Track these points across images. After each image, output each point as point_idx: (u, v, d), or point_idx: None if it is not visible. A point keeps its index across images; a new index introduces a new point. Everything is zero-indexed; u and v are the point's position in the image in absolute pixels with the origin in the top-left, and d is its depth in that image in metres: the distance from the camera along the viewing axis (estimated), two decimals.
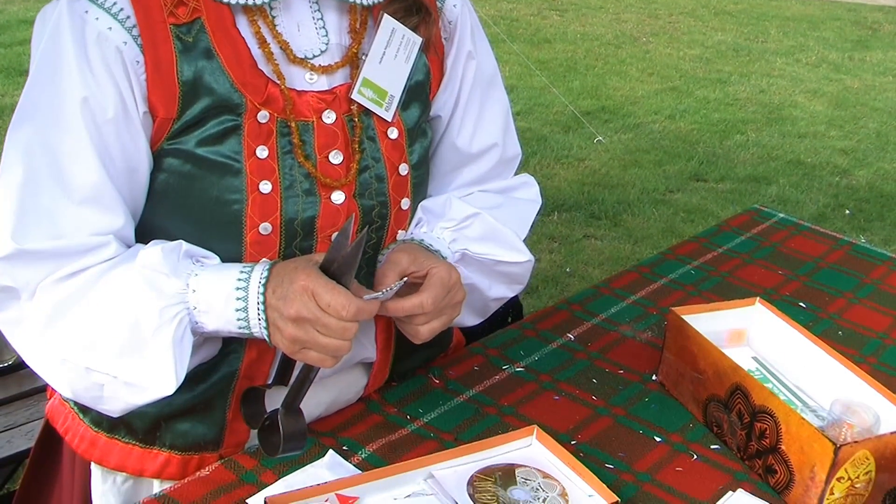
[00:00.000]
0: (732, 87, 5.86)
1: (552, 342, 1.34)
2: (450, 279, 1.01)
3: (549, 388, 1.23)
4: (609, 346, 1.34)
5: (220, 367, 1.05)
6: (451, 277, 1.01)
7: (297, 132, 0.99)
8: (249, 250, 0.99)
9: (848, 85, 6.04)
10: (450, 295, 1.01)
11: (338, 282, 0.91)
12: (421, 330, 1.01)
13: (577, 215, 3.88)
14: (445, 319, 1.02)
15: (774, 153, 4.82)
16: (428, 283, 1.00)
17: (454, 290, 1.02)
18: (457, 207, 1.14)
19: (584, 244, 3.65)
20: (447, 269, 1.02)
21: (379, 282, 1.01)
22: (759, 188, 4.36)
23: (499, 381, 1.24)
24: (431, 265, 1.02)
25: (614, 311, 1.43)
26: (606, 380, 1.26)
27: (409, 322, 1.01)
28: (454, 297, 1.02)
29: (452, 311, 1.03)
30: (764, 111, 5.46)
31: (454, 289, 1.02)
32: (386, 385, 1.21)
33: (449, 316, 1.03)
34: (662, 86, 5.79)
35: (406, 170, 1.08)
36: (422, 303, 0.98)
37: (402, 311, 0.99)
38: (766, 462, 1.07)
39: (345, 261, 0.91)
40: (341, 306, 0.89)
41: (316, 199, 1.01)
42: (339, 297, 0.90)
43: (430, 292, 0.99)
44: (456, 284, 1.02)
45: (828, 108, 5.56)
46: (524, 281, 1.19)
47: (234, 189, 0.97)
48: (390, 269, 1.01)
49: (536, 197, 1.24)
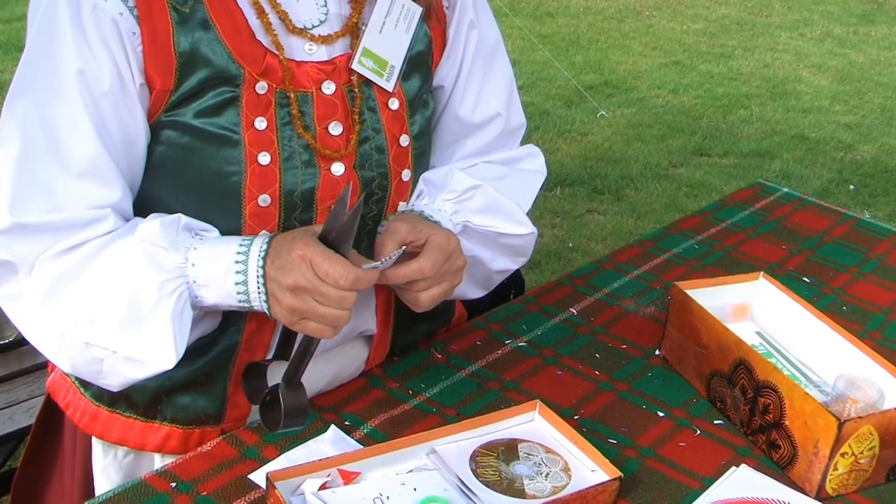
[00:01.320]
0: (736, 61, 5.81)
1: (555, 317, 1.34)
2: (449, 244, 1.01)
3: (552, 362, 1.23)
4: (612, 320, 1.34)
5: (220, 341, 1.05)
6: (451, 243, 1.01)
7: (296, 103, 0.99)
8: (248, 223, 0.99)
9: (853, 59, 5.98)
10: (449, 261, 1.01)
11: (336, 251, 0.91)
12: (421, 297, 1.01)
13: (580, 190, 3.87)
14: (446, 286, 1.02)
15: (778, 128, 4.79)
16: (427, 248, 1.00)
17: (454, 256, 1.01)
18: (458, 179, 1.13)
19: (586, 219, 3.63)
20: (446, 235, 1.02)
21: (378, 251, 1.00)
22: (762, 163, 4.34)
23: (501, 356, 1.24)
24: (430, 232, 1.01)
25: (617, 286, 1.43)
26: (609, 355, 1.25)
27: (409, 289, 1.01)
28: (454, 263, 1.02)
29: (453, 278, 1.03)
30: (768, 86, 5.42)
31: (454, 255, 1.01)
32: (387, 360, 1.21)
33: (450, 283, 1.02)
34: (666, 60, 5.74)
35: (407, 141, 1.07)
36: (421, 268, 0.98)
37: (402, 277, 0.99)
38: (770, 437, 1.07)
39: (342, 229, 0.91)
40: (339, 275, 0.89)
41: (315, 170, 1.00)
42: (337, 265, 0.89)
43: (428, 257, 0.99)
44: (455, 250, 1.01)
45: (832, 82, 5.51)
46: (528, 253, 1.19)
47: (233, 161, 0.96)
48: (389, 238, 1.01)
49: (541, 168, 1.23)
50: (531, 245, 1.17)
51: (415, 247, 1.01)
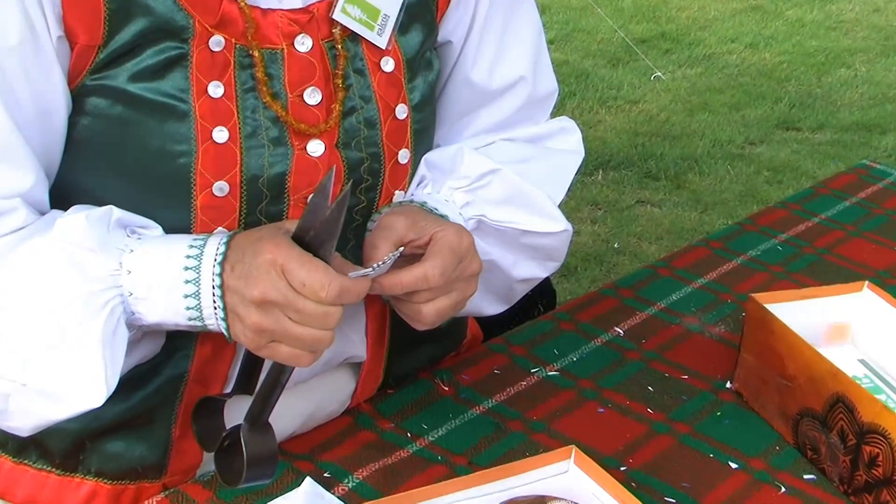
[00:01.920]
0: (836, 4, 5.81)
1: (595, 338, 1.34)
2: (460, 244, 1.01)
3: (592, 397, 1.23)
4: (669, 343, 1.34)
5: (164, 370, 1.05)
6: (463, 242, 1.01)
7: (261, 63, 0.99)
8: (201, 217, 0.99)
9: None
10: (461, 265, 1.01)
11: (315, 254, 0.91)
12: (424, 310, 1.01)
13: (629, 174, 3.86)
14: (456, 297, 1.02)
15: (891, 93, 4.78)
16: (433, 248, 1.00)
17: (467, 259, 1.02)
18: (471, 161, 1.14)
19: (636, 212, 3.63)
20: (456, 231, 1.02)
21: (368, 255, 1.01)
22: (869, 139, 4.33)
23: (526, 389, 1.24)
24: (436, 228, 1.02)
25: (676, 299, 1.43)
26: (666, 387, 1.26)
27: (410, 300, 1.01)
28: (467, 268, 1.02)
29: (465, 287, 1.03)
30: (878, 37, 5.41)
31: (466, 256, 1.01)
32: (380, 393, 1.22)
33: (461, 293, 1.03)
34: (742, 4, 5.74)
35: (405, 112, 1.08)
36: (425, 273, 0.98)
37: (400, 286, 0.99)
38: (879, 498, 1.07)
39: (323, 227, 0.91)
40: (320, 285, 0.89)
41: (287, 150, 1.01)
42: (317, 273, 0.89)
43: (435, 260, 0.99)
44: (469, 251, 1.02)
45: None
46: (560, 257, 1.19)
47: (180, 138, 0.97)
48: (382, 238, 1.01)
49: (577, 147, 1.24)
50: (565, 246, 1.18)
51: (416, 248, 1.02)
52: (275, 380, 0.97)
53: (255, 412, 0.98)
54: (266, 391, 0.97)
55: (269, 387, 0.97)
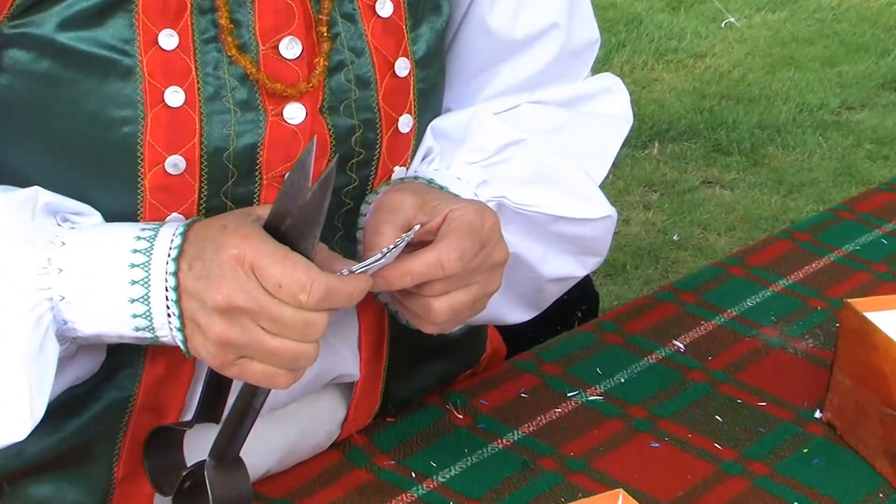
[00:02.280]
0: None
1: (648, 354, 1.34)
2: (483, 224, 1.01)
3: (644, 428, 1.23)
4: (742, 361, 1.34)
5: (104, 394, 1.05)
6: (486, 222, 1.02)
7: (225, 7, 0.99)
8: (150, 201, 1.00)
9: None
10: (484, 251, 1.01)
11: (294, 248, 0.91)
12: (436, 306, 1.01)
13: (692, 147, 3.85)
14: (476, 293, 1.02)
15: None
16: (449, 228, 1.01)
17: (490, 244, 1.02)
18: (490, 129, 1.14)
19: (701, 195, 3.62)
20: (478, 210, 1.02)
21: (370, 242, 1.02)
22: None
23: (561, 417, 1.24)
24: (452, 205, 1.02)
25: (752, 305, 1.43)
26: (738, 417, 1.25)
27: (419, 294, 1.01)
28: (490, 255, 1.02)
29: (487, 281, 1.03)
30: None
31: (490, 241, 1.02)
32: (377, 421, 1.22)
33: (482, 288, 1.03)
34: None
35: (407, 68, 1.08)
36: (440, 258, 0.98)
37: (410, 277, 0.99)
38: None
39: (303, 214, 0.91)
40: (299, 286, 0.89)
41: (258, 116, 1.01)
42: (296, 271, 0.90)
43: (452, 242, 0.99)
44: (493, 234, 1.02)
45: None
46: (602, 251, 1.19)
47: (124, 101, 0.97)
48: (386, 220, 1.02)
49: (625, 111, 1.24)
50: (608, 237, 1.18)
51: (425, 233, 1.02)
52: (246, 405, 0.97)
53: (222, 446, 0.98)
54: (235, 420, 0.98)
55: (239, 414, 0.97)
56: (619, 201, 3.39)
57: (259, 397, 0.96)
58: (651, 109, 4.00)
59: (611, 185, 1.04)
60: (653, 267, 3.26)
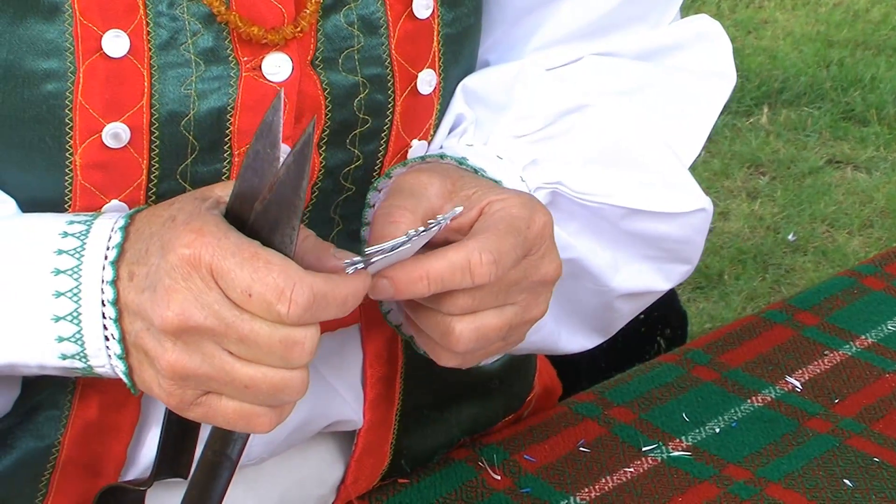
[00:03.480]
0: None
1: (752, 395, 1.34)
2: (531, 223, 1.01)
3: (747, 495, 1.23)
4: (882, 406, 1.34)
5: (18, 442, 1.06)
6: (535, 221, 1.01)
7: None
8: (82, 183, 1.00)
9: None
10: (529, 260, 1.01)
11: (265, 242, 0.90)
12: (458, 328, 1.00)
13: (815, 115, 3.83)
14: (513, 317, 1.02)
15: None
16: (484, 224, 1.00)
17: (538, 253, 1.01)
18: (542, 91, 1.15)
19: (827, 178, 3.61)
20: (524, 204, 1.01)
21: (380, 232, 1.00)
22: None
23: (634, 479, 1.24)
24: (491, 196, 1.02)
25: (894, 330, 1.44)
26: (876, 481, 1.25)
27: (437, 309, 1.00)
28: (537, 268, 1.02)
29: (530, 303, 1.03)
30: None
31: (538, 248, 1.01)
32: (386, 483, 1.23)
33: (522, 310, 1.02)
34: None
35: (429, 6, 1.09)
36: (469, 260, 0.97)
37: (427, 282, 0.97)
38: None
39: (276, 195, 0.89)
40: (275, 293, 0.88)
41: (228, 70, 1.02)
42: (271, 273, 0.88)
43: (487, 240, 0.98)
44: (542, 238, 1.01)
45: None
46: (692, 256, 1.20)
47: (47, 48, 0.97)
48: (401, 206, 1.01)
49: (725, 67, 1.24)
50: (700, 237, 1.18)
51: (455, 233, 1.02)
52: (218, 456, 0.97)
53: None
54: (205, 475, 0.98)
55: (210, 468, 0.98)
56: (715, 187, 3.37)
57: (234, 444, 0.97)
58: (759, 62, 3.99)
59: (703, 164, 1.01)
60: (760, 277, 3.25)
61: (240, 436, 0.96)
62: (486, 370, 1.18)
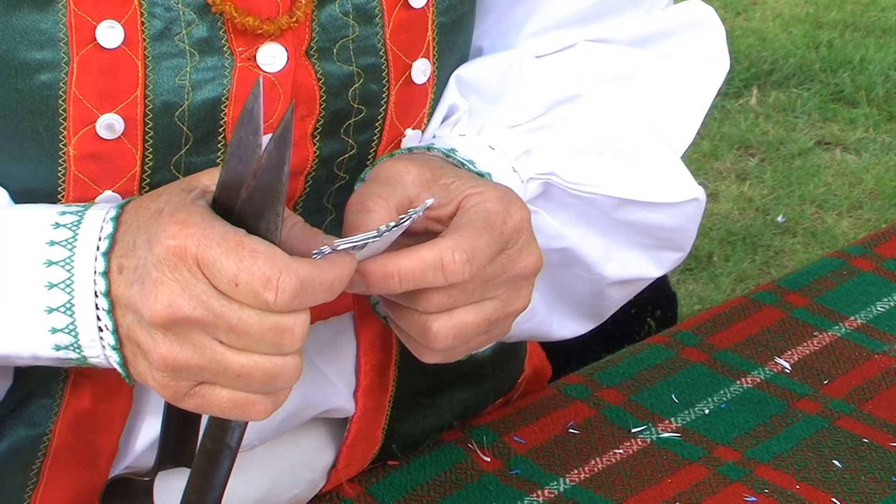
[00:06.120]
0: None
1: (742, 376, 1.34)
2: (506, 218, 1.01)
3: (736, 476, 1.22)
4: (871, 386, 1.34)
5: (9, 430, 1.06)
6: (511, 215, 1.01)
7: None
8: (76, 174, 1.00)
9: None
10: (505, 255, 1.01)
11: (252, 230, 0.91)
12: (434, 327, 1.00)
13: (804, 96, 3.82)
14: (493, 311, 1.02)
15: None
16: (460, 220, 1.00)
17: (515, 247, 1.01)
18: (537, 80, 1.15)
19: (816, 160, 3.61)
20: (500, 199, 1.01)
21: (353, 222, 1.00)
22: None
23: (624, 460, 1.24)
24: (468, 188, 1.02)
25: (883, 311, 1.44)
26: (865, 461, 1.25)
27: (413, 308, 1.00)
28: (515, 262, 1.02)
29: (509, 297, 1.03)
30: None
31: (515, 242, 1.01)
32: (377, 465, 1.23)
33: (502, 304, 1.02)
34: None
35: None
36: (441, 258, 0.97)
37: (398, 279, 0.97)
38: None
39: (259, 182, 0.90)
40: (262, 281, 0.88)
41: (223, 60, 1.02)
42: (257, 260, 0.89)
43: (461, 237, 0.98)
44: (519, 233, 1.01)
45: None
46: (684, 245, 1.21)
47: (41, 38, 0.97)
48: (375, 194, 1.01)
49: (719, 53, 1.24)
50: (693, 226, 1.19)
51: (435, 223, 1.03)
52: (217, 444, 0.98)
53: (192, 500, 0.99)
54: (206, 464, 0.98)
55: (210, 457, 0.98)
56: (704, 168, 3.37)
57: (233, 432, 0.97)
58: (748, 43, 3.98)
59: (692, 146, 1.01)
60: (749, 258, 3.25)
61: (237, 424, 0.97)
62: (478, 356, 1.18)
